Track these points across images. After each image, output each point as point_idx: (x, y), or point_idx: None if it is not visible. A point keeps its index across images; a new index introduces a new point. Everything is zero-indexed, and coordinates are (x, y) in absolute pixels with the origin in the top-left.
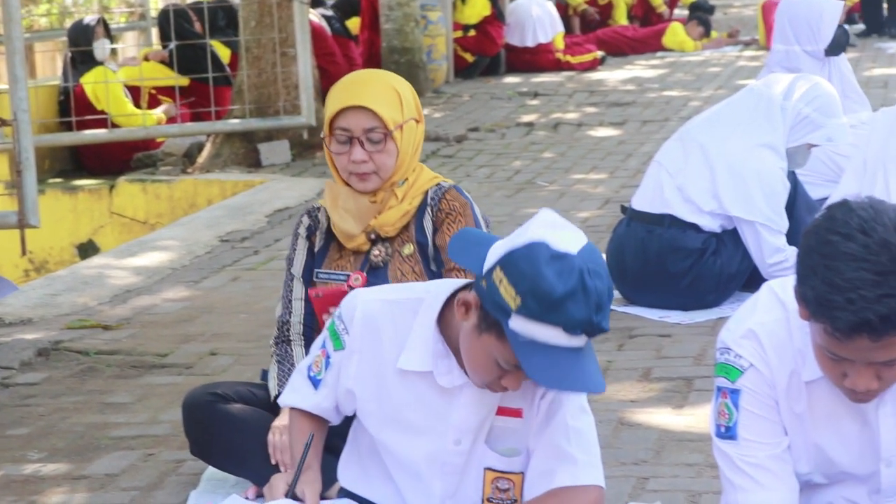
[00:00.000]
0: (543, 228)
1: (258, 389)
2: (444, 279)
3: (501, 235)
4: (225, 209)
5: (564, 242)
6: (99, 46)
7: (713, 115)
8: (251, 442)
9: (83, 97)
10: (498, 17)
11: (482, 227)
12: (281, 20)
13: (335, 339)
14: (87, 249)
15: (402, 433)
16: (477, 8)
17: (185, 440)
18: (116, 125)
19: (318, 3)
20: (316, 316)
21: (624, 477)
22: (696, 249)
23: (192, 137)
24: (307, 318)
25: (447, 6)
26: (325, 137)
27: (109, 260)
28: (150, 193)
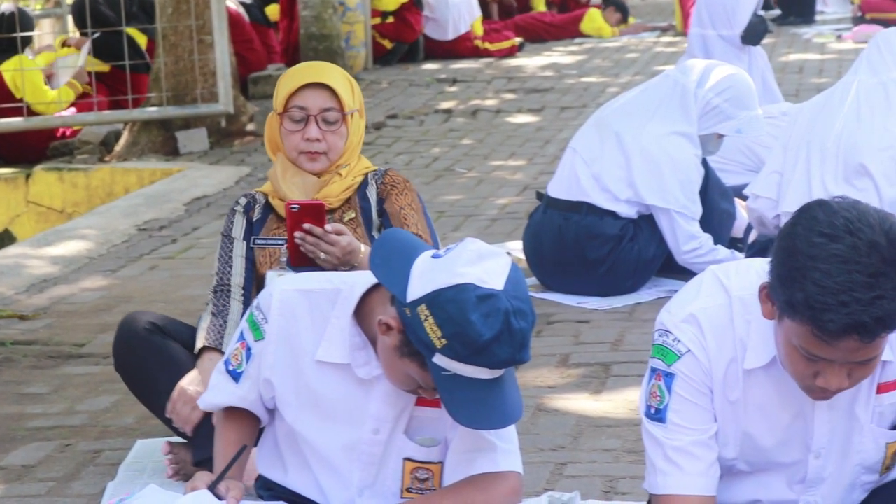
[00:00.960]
0: (470, 265)
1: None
2: (361, 271)
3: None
4: (142, 197)
5: (491, 278)
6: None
7: (628, 102)
8: (172, 384)
9: (2, 85)
10: (416, 3)
11: (422, 202)
12: (198, 7)
13: (255, 329)
14: (3, 239)
15: (319, 422)
16: None
17: (102, 430)
18: (35, 113)
19: None
20: (255, 274)
21: (542, 463)
22: (614, 236)
23: (109, 125)
24: (247, 279)
25: None
26: (277, 115)
27: (26, 249)
28: (66, 182)
